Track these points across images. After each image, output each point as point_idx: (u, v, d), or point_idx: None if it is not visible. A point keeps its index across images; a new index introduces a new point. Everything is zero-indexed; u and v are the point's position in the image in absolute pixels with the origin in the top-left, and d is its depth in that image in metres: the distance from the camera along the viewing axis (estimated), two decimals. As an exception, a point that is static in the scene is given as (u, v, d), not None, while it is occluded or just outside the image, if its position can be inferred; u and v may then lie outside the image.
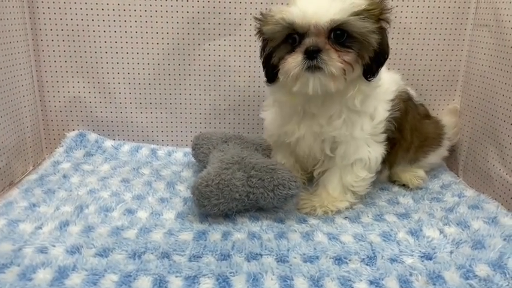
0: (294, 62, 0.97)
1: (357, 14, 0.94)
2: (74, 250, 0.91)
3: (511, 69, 1.17)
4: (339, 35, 0.96)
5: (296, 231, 1.01)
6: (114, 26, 1.39)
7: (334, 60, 0.94)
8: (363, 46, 0.97)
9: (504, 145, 1.19)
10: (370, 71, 1.01)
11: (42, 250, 0.91)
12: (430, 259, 0.90)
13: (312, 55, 0.94)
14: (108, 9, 1.37)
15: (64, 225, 1.00)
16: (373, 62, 1.00)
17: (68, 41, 1.40)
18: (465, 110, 1.40)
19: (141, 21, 1.39)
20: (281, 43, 1.02)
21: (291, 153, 1.22)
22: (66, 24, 1.38)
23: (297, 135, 1.12)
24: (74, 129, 1.48)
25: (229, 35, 1.41)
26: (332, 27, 0.95)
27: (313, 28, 0.95)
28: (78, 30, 1.39)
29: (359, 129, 1.07)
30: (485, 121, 1.29)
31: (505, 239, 0.89)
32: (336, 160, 1.11)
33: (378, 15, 0.98)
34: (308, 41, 0.96)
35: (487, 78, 1.29)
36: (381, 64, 1.02)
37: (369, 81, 1.02)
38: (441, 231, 0.98)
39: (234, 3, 1.37)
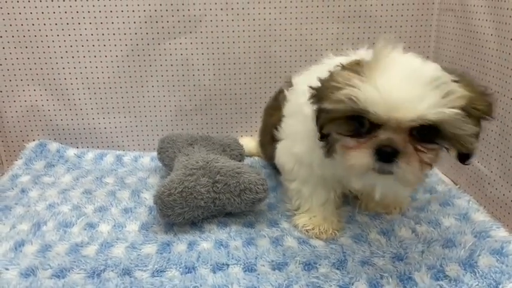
0: (360, 158, 0.74)
1: (455, 109, 0.69)
2: (29, 272, 0.86)
3: (477, 55, 1.14)
4: (428, 133, 0.72)
5: (265, 237, 0.97)
6: (68, 30, 1.32)
7: (414, 166, 0.72)
8: (454, 146, 0.75)
9: (475, 132, 1.17)
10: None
11: (-5, 275, 0.85)
12: (401, 260, 0.87)
13: (387, 158, 0.71)
14: (60, 12, 1.30)
15: (19, 245, 0.95)
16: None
17: (20, 47, 1.33)
18: (436, 98, 1.38)
19: (96, 23, 1.32)
20: (343, 120, 0.77)
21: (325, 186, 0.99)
22: (17, 30, 1.31)
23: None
24: (34, 140, 1.41)
25: (190, 32, 1.35)
26: (420, 124, 0.71)
27: (394, 122, 0.71)
28: (30, 36, 1.32)
29: None
30: (456, 108, 1.26)
31: (475, 236, 0.87)
32: None
33: (482, 113, 0.73)
34: (383, 136, 0.72)
35: (455, 64, 1.26)
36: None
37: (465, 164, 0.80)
38: (413, 231, 0.95)
39: (192, -1, 1.32)
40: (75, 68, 1.36)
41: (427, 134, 0.72)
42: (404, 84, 0.69)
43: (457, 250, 0.84)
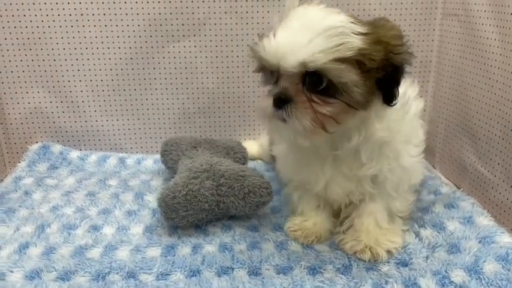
0: (263, 104, 0.80)
1: (343, 59, 0.72)
2: (34, 275, 0.86)
3: (481, 59, 1.15)
4: (317, 81, 0.74)
5: (270, 240, 0.97)
6: (72, 32, 1.32)
7: (304, 114, 0.76)
8: (349, 97, 0.75)
9: (478, 137, 1.17)
10: (391, 96, 0.78)
11: (0, 277, 0.85)
12: (406, 266, 0.87)
13: (279, 104, 0.77)
14: (64, 15, 1.30)
15: (24, 247, 0.94)
16: (388, 90, 0.78)
17: (25, 49, 1.33)
18: (439, 101, 1.38)
19: (100, 26, 1.32)
20: (263, 73, 0.85)
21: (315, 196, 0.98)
22: (21, 33, 1.31)
23: (323, 181, 0.90)
24: (37, 142, 1.41)
25: (194, 35, 1.36)
26: (304, 72, 0.74)
27: (283, 69, 0.76)
28: (34, 38, 1.32)
29: (407, 156, 0.89)
30: (459, 112, 1.26)
31: (480, 241, 0.87)
32: (384, 191, 0.92)
33: (379, 61, 0.75)
34: (280, 85, 0.78)
35: (458, 68, 1.26)
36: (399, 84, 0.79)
37: (392, 105, 0.79)
38: (417, 235, 0.95)
39: (196, 2, 1.32)
40: (79, 70, 1.36)
41: (319, 85, 0.74)
42: (295, 33, 0.73)
43: (462, 256, 0.84)
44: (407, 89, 0.90)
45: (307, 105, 0.76)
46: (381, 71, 0.75)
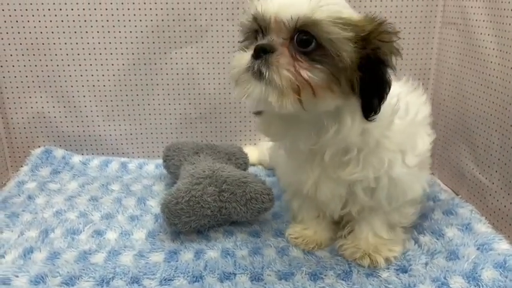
0: (241, 58, 0.76)
1: (337, 21, 0.71)
2: (39, 280, 0.87)
3: (479, 68, 1.16)
4: (305, 40, 0.72)
5: (271, 246, 0.99)
6: (76, 38, 1.34)
7: (282, 66, 0.71)
8: (334, 62, 0.72)
9: (476, 144, 1.19)
10: (370, 107, 0.75)
11: (5, 281, 0.86)
12: (406, 272, 0.88)
13: (260, 54, 0.73)
14: (68, 21, 1.32)
15: (28, 252, 0.96)
16: (368, 95, 0.75)
17: (28, 55, 1.34)
18: (437, 109, 1.40)
19: (103, 32, 1.34)
20: (247, 39, 0.82)
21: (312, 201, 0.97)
22: (25, 38, 1.32)
23: (311, 181, 0.87)
24: (39, 146, 1.42)
25: (196, 42, 1.37)
26: (296, 27, 0.72)
27: (274, 23, 0.74)
28: (38, 44, 1.33)
29: (399, 166, 0.84)
30: (457, 120, 1.28)
31: (478, 248, 0.88)
32: (379, 205, 0.89)
33: (366, 35, 0.73)
34: (266, 39, 0.75)
35: (457, 76, 1.28)
36: (381, 98, 0.75)
37: (369, 120, 0.76)
38: (416, 241, 0.97)
39: (199, 9, 1.33)
40: (81, 75, 1.38)
41: (307, 46, 0.72)
42: None
43: (461, 263, 0.85)
44: (404, 97, 0.89)
45: (290, 60, 0.72)
46: (367, 45, 0.73)
